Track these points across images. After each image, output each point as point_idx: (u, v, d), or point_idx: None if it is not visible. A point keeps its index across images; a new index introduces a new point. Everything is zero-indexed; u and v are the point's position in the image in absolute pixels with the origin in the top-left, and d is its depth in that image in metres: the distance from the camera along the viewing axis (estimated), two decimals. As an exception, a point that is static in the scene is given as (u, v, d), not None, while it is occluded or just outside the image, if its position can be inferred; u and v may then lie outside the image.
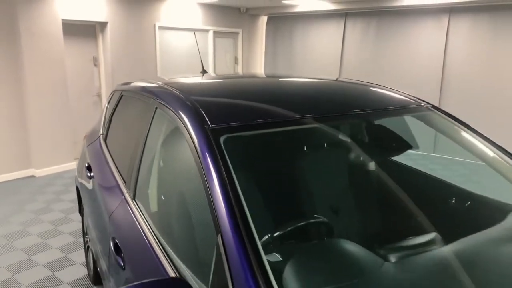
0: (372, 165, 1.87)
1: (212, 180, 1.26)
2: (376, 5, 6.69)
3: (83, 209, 3.02)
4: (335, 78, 2.25)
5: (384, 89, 2.10)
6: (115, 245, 1.79)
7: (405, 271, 1.26)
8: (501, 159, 1.78)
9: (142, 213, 1.71)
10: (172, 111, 1.65)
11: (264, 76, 2.51)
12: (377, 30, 7.11)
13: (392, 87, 6.85)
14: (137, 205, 1.78)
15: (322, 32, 7.80)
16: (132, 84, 2.45)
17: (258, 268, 1.04)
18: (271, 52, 8.57)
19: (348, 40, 7.50)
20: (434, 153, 6.60)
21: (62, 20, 5.57)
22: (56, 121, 5.60)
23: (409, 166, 2.24)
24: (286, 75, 2.40)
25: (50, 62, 5.44)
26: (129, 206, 1.82)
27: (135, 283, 1.10)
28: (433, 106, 2.02)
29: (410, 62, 6.82)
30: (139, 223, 1.67)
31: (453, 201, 2.04)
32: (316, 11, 7.56)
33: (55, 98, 5.56)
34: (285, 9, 7.79)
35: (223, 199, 1.19)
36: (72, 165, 5.79)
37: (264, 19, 8.65)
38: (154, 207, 1.66)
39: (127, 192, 1.90)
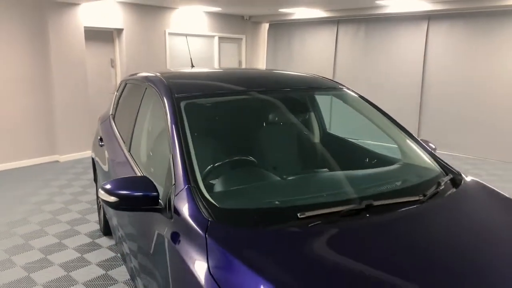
0: (293, 121, 2.62)
1: (172, 126, 2.01)
2: (364, 13, 7.39)
3: (97, 176, 3.82)
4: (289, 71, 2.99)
5: (315, 77, 2.83)
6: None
7: (290, 183, 1.99)
8: (392, 125, 2.48)
9: (133, 158, 2.48)
10: (155, 89, 2.42)
11: (233, 68, 3.27)
12: (365, 35, 7.81)
13: (379, 86, 7.50)
14: (131, 154, 2.56)
15: (317, 38, 8.53)
16: (135, 75, 3.24)
17: (191, 173, 1.78)
18: (272, 56, 9.33)
19: (340, 44, 8.21)
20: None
21: (85, 27, 6.46)
22: (77, 114, 6.47)
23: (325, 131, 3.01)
24: (253, 68, 3.15)
25: (73, 63, 6.33)
26: (126, 156, 2.60)
27: (117, 178, 1.85)
28: (348, 88, 2.73)
29: (394, 63, 7.49)
30: (130, 164, 2.44)
31: (366, 160, 2.75)
32: (311, 19, 8.30)
33: (78, 95, 6.44)
34: (285, 17, 8.54)
35: (176, 134, 1.94)
36: (91, 152, 6.65)
37: (266, 26, 9.44)
38: (142, 149, 2.43)
39: (125, 147, 2.68)
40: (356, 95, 2.67)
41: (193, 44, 8.22)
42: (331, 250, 1.47)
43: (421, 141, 2.45)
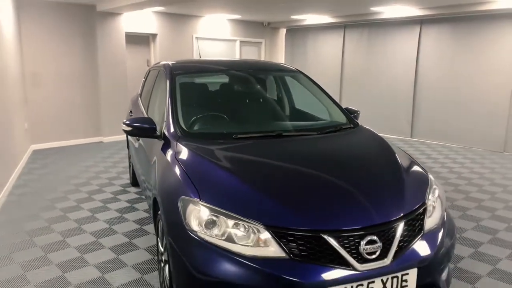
0: (258, 91, 3.74)
1: (170, 91, 3.19)
2: (364, 18, 8.36)
3: (128, 143, 5.09)
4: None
5: (281, 64, 3.94)
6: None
7: (240, 125, 3.12)
8: (327, 98, 3.55)
9: (148, 115, 3.70)
10: (164, 70, 3.62)
11: (226, 58, 4.44)
12: (368, 38, 8.77)
13: (379, 84, 8.64)
14: (147, 114, 3.77)
15: (328, 41, 9.56)
16: (156, 64, 4.48)
17: (176, 115, 2.95)
18: (290, 58, 10.44)
19: (347, 47, 9.20)
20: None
21: (126, 32, 7.88)
22: (118, 104, 7.88)
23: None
24: (239, 59, 4.30)
25: (116, 62, 7.75)
26: (144, 115, 3.83)
27: (131, 117, 3.04)
28: (301, 72, 3.82)
29: (392, 63, 8.40)
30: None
31: (313, 124, 3.81)
32: (322, 24, 9.35)
33: (119, 88, 7.86)
34: (299, 23, 9.64)
35: (170, 95, 3.13)
36: (128, 136, 8.02)
37: (283, 31, 10.57)
38: (155, 109, 3.63)
39: (145, 111, 3.92)
40: (305, 77, 3.75)
41: (217, 47, 9.49)
42: (248, 149, 2.60)
43: (344, 108, 3.51)
